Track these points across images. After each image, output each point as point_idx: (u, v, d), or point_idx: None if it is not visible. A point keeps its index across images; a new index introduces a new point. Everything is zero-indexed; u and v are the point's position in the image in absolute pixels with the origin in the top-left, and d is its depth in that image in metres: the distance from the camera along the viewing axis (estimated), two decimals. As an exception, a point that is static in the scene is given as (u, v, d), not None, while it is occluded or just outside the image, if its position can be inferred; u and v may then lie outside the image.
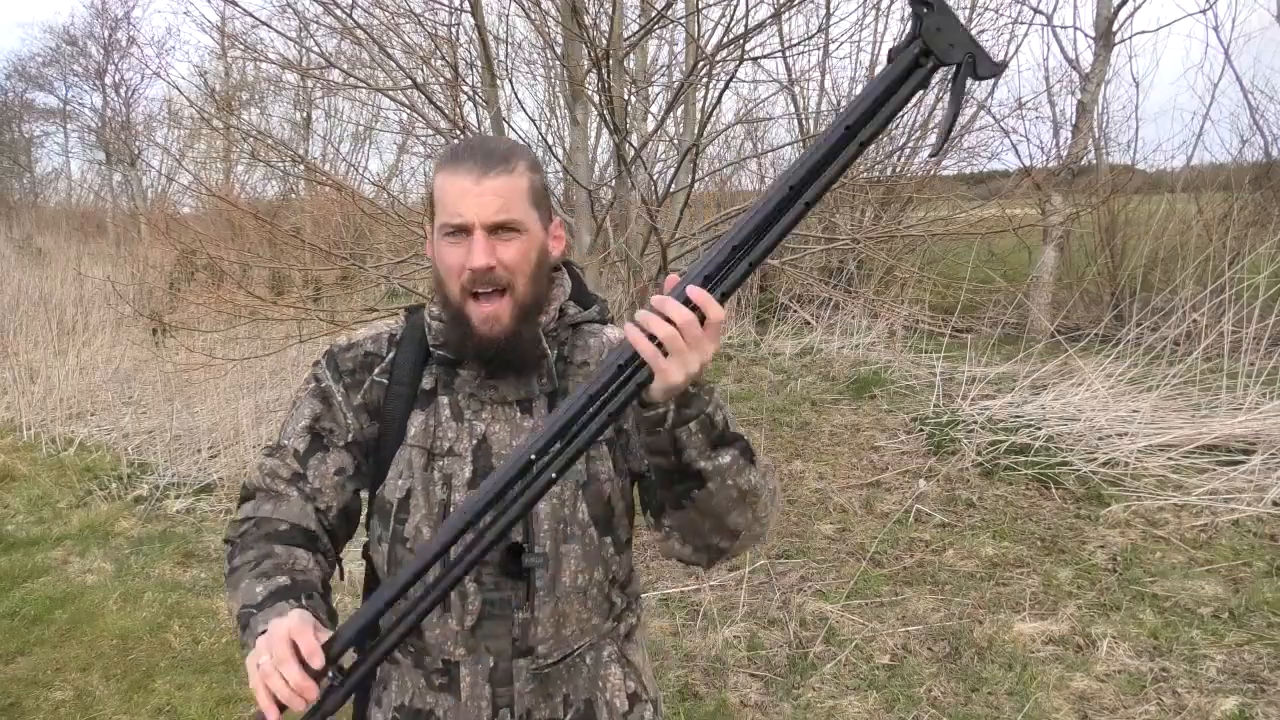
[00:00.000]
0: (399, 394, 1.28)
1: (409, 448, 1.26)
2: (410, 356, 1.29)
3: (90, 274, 10.69)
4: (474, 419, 1.26)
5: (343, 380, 1.30)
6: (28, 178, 25.20)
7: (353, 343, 1.32)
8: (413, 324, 1.32)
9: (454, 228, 1.19)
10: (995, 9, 7.20)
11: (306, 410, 1.30)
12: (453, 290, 1.21)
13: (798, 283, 9.23)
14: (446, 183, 1.19)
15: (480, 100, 4.79)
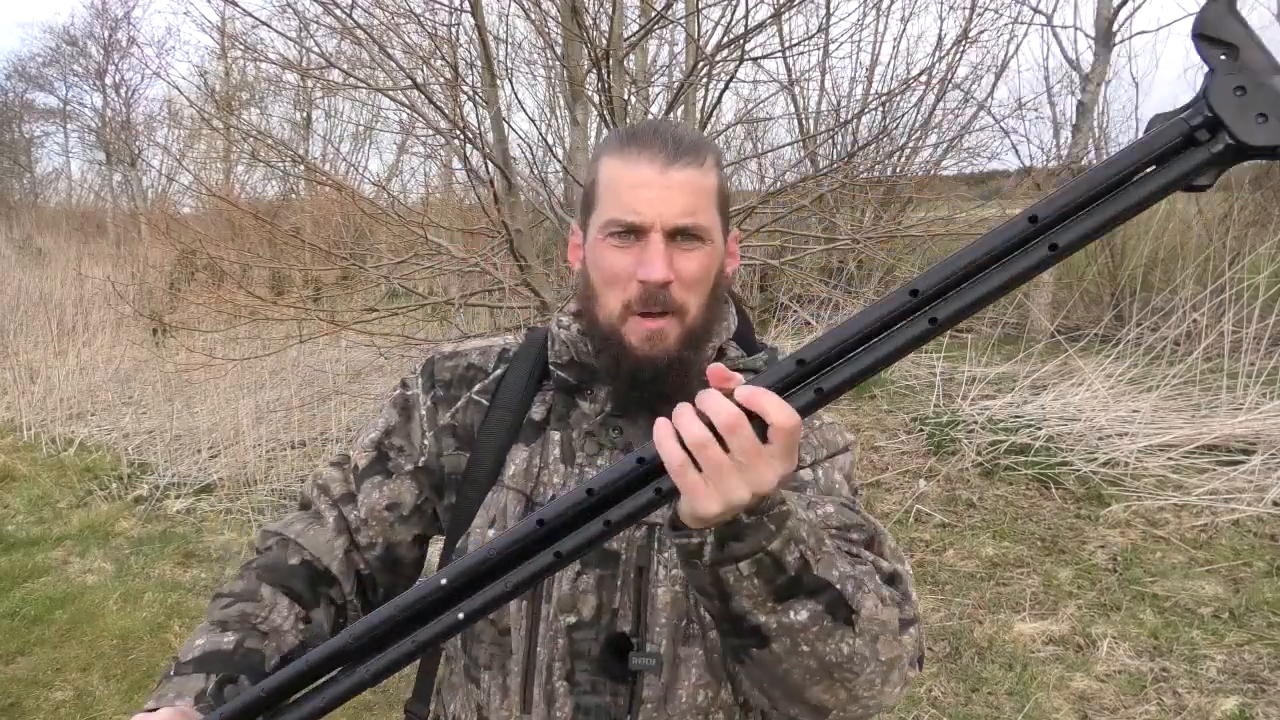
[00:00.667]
0: (500, 420, 1.04)
1: (504, 490, 1.01)
2: (522, 377, 1.05)
3: (90, 274, 10.69)
4: (587, 464, 1.01)
5: (434, 391, 1.07)
6: (28, 178, 25.20)
7: (457, 350, 1.10)
8: (531, 340, 1.09)
9: (626, 226, 0.95)
10: (995, 9, 7.19)
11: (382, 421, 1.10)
12: (610, 303, 0.96)
13: (798, 283, 9.22)
14: (621, 170, 0.96)
15: (480, 100, 4.80)
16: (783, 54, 7.08)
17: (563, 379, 1.03)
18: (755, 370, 0.77)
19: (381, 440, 1.09)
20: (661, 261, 0.93)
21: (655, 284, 0.93)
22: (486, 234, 5.56)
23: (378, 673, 0.77)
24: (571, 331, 1.03)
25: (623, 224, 0.95)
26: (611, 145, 1.00)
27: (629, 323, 0.96)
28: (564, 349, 1.03)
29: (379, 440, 1.09)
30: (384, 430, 1.09)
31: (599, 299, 0.98)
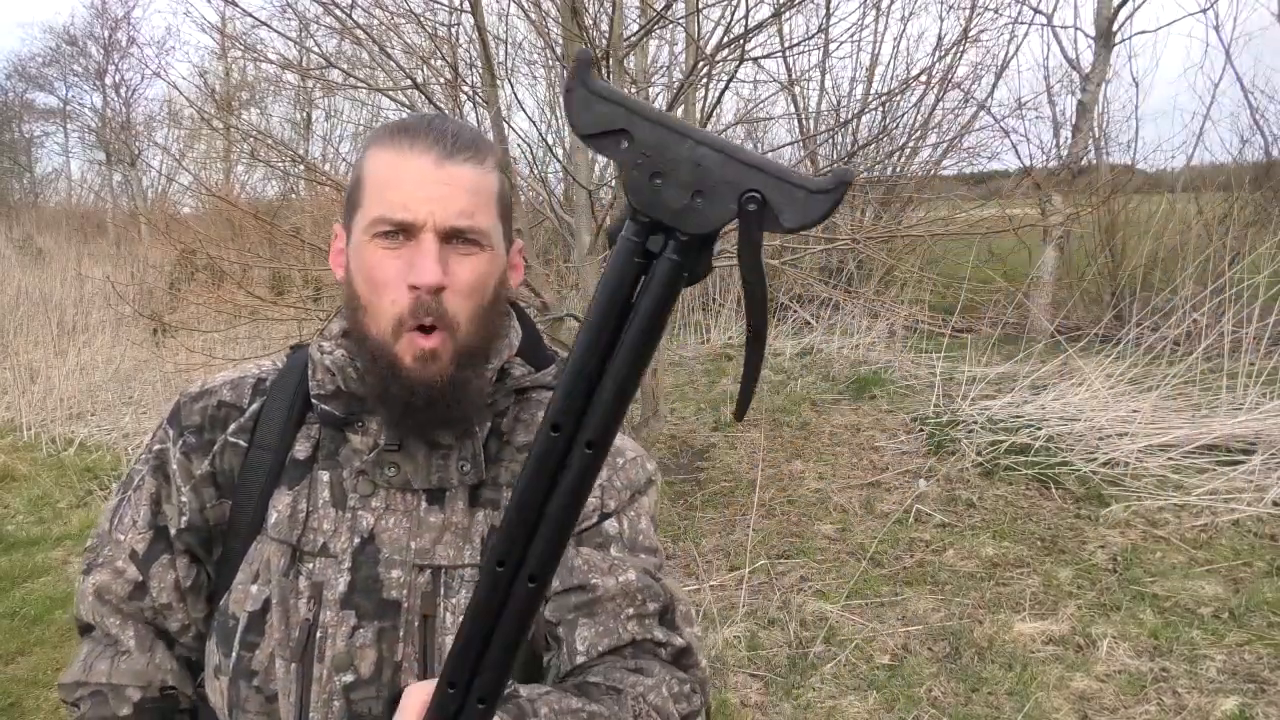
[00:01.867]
0: (260, 462, 0.91)
1: (268, 540, 0.89)
2: (281, 411, 0.92)
3: (90, 274, 10.70)
4: (360, 507, 0.89)
5: (184, 440, 0.93)
6: (28, 178, 25.22)
7: (205, 389, 0.95)
8: (290, 367, 0.95)
9: (395, 225, 0.84)
10: (995, 9, 7.20)
11: (146, 491, 0.93)
12: (379, 316, 0.85)
13: (798, 283, 9.22)
14: (389, 162, 0.85)
15: (480, 100, 4.80)
16: (783, 54, 7.08)
17: (328, 413, 0.90)
18: (549, 387, 0.81)
19: (153, 513, 0.93)
20: (434, 264, 0.83)
21: (427, 287, 0.83)
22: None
23: None
24: (336, 356, 0.89)
25: (391, 222, 0.84)
26: (380, 137, 0.88)
27: (403, 339, 0.84)
28: (327, 377, 0.90)
29: (151, 514, 0.93)
30: (151, 501, 0.93)
31: (366, 310, 0.86)
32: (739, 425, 5.93)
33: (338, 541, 0.89)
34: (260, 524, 0.90)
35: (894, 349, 8.17)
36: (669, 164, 0.50)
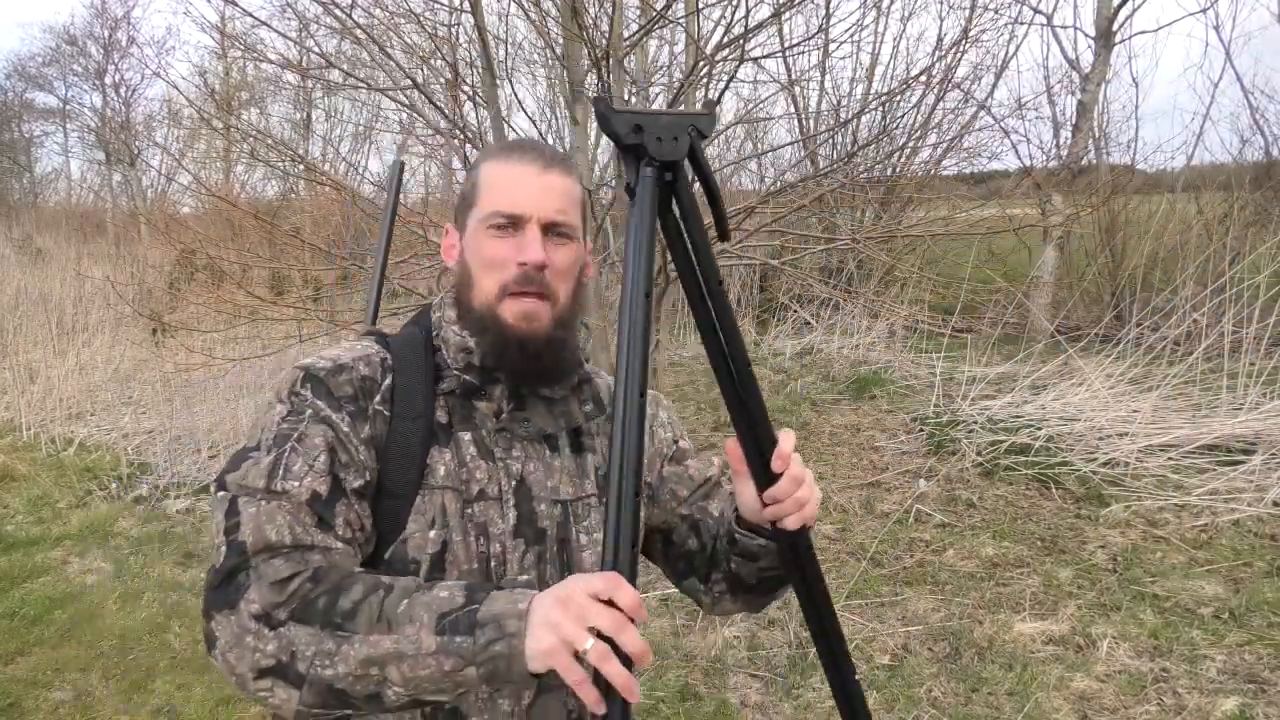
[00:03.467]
0: (410, 428, 1.04)
1: (438, 491, 1.03)
2: (419, 384, 1.07)
3: (90, 274, 10.69)
4: (505, 457, 1.08)
5: (343, 408, 1.02)
6: (28, 178, 25.21)
7: (340, 364, 1.05)
8: (407, 346, 1.10)
9: (507, 218, 1.06)
10: (995, 9, 7.18)
11: (317, 440, 0.99)
12: (488, 286, 1.06)
13: (798, 283, 9.22)
14: (501, 170, 1.08)
15: (480, 100, 4.80)
16: (783, 54, 7.08)
17: (468, 383, 1.08)
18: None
19: (331, 462, 1.00)
20: (539, 246, 1.05)
21: (533, 265, 1.04)
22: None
23: None
24: (464, 338, 1.09)
25: (504, 215, 1.06)
26: (491, 154, 1.13)
27: (504, 302, 1.05)
28: (462, 355, 1.09)
29: (329, 463, 0.99)
30: (328, 450, 1.00)
31: (475, 285, 1.08)
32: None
33: (494, 486, 1.06)
34: (420, 481, 1.03)
35: (894, 349, 8.17)
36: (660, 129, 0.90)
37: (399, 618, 0.86)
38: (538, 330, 1.06)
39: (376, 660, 0.86)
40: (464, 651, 0.84)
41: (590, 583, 0.82)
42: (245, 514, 0.94)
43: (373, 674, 0.86)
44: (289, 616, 0.88)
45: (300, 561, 0.92)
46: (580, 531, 1.11)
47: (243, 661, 0.88)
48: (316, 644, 0.87)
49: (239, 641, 0.89)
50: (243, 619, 0.89)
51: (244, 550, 0.92)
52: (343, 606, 0.88)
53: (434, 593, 0.88)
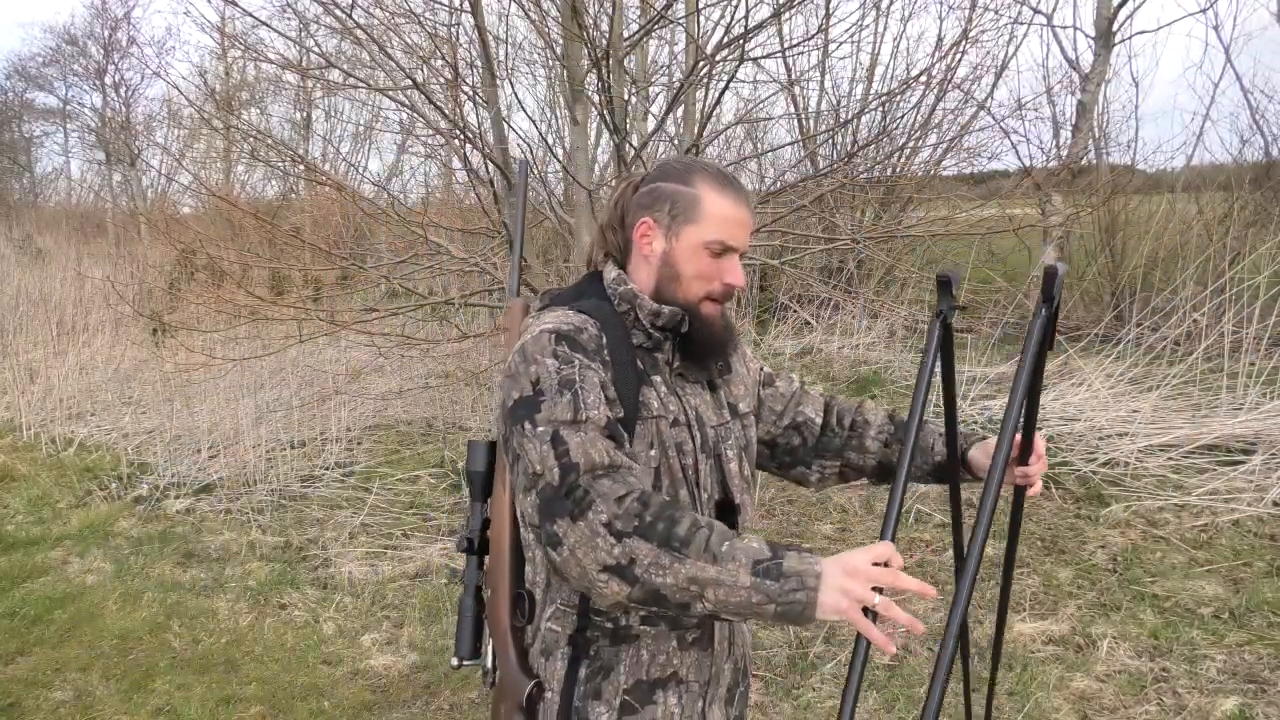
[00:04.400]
0: (626, 373, 1.32)
1: (654, 420, 1.33)
2: (623, 341, 1.34)
3: (90, 274, 10.69)
4: (683, 394, 1.39)
5: (593, 359, 1.30)
6: (28, 178, 25.21)
7: (576, 325, 1.31)
8: (603, 311, 1.37)
9: (725, 247, 1.36)
10: (995, 9, 7.18)
11: (594, 379, 1.26)
12: (693, 290, 1.37)
13: (798, 283, 9.22)
14: (728, 206, 1.36)
15: (480, 100, 4.80)
16: (783, 54, 7.08)
17: (656, 339, 1.37)
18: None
19: (606, 399, 1.27)
20: (741, 273, 1.38)
21: (740, 287, 1.39)
22: (486, 234, 5.56)
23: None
24: (656, 305, 1.37)
25: (724, 245, 1.36)
26: (711, 181, 1.37)
27: (704, 305, 1.38)
28: (652, 317, 1.36)
29: (605, 400, 1.27)
30: (602, 388, 1.27)
31: (684, 285, 1.37)
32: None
33: (682, 415, 1.36)
34: (638, 412, 1.31)
35: (894, 349, 8.17)
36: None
37: (723, 554, 1.11)
38: (720, 323, 1.40)
39: (700, 581, 1.11)
40: (770, 592, 1.09)
41: (872, 551, 1.12)
42: (571, 442, 1.20)
43: (693, 590, 1.11)
44: (631, 530, 1.13)
45: (624, 483, 1.18)
46: (726, 448, 1.42)
47: (589, 557, 1.13)
48: (654, 557, 1.11)
49: (588, 542, 1.13)
50: (594, 525, 1.14)
51: (577, 469, 1.18)
52: (678, 534, 1.12)
53: (745, 541, 1.13)
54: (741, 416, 1.48)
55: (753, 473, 1.51)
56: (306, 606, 4.01)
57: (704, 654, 1.37)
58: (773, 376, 1.62)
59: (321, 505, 5.14)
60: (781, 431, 1.59)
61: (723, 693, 1.43)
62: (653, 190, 1.38)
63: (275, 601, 4.07)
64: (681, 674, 1.35)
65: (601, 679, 1.31)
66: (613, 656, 1.31)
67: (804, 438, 1.60)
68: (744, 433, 1.48)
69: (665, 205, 1.37)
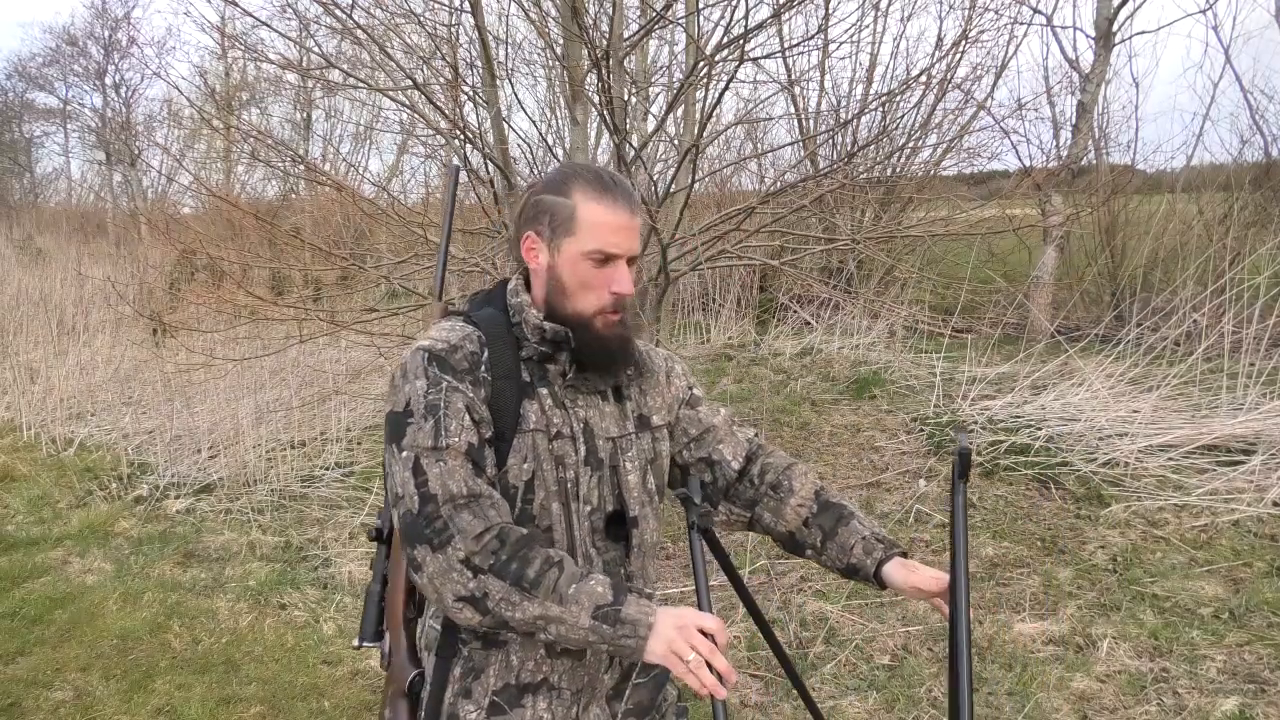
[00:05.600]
0: (507, 388, 1.35)
1: (530, 433, 1.35)
2: (506, 354, 1.37)
3: (90, 274, 10.69)
4: (573, 406, 1.39)
5: (465, 379, 1.33)
6: (28, 178, 25.21)
7: (452, 344, 1.35)
8: (491, 323, 1.40)
9: (606, 256, 1.35)
10: (995, 9, 7.18)
11: (459, 404, 1.31)
12: (583, 304, 1.36)
13: (798, 283, 9.22)
14: (604, 214, 1.35)
15: (480, 100, 4.80)
16: (783, 54, 7.08)
17: (544, 352, 1.38)
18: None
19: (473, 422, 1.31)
20: (629, 280, 1.37)
21: (628, 294, 1.37)
22: (486, 234, 5.56)
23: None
24: (540, 321, 1.38)
25: (605, 254, 1.34)
26: (587, 189, 1.35)
27: (599, 318, 1.37)
28: (536, 332, 1.37)
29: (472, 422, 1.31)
30: (468, 412, 1.31)
31: (571, 297, 1.36)
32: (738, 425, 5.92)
33: (567, 428, 1.37)
34: (517, 425, 1.34)
35: (894, 349, 8.17)
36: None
37: (569, 596, 1.21)
38: (617, 335, 1.38)
39: (545, 619, 1.21)
40: (605, 635, 1.21)
41: (702, 619, 1.21)
42: (431, 472, 1.26)
43: (538, 624, 1.22)
44: (487, 568, 1.22)
45: (483, 517, 1.25)
46: (626, 460, 1.43)
47: (446, 587, 1.23)
48: (505, 594, 1.22)
49: (445, 574, 1.23)
50: (451, 560, 1.23)
51: (435, 500, 1.25)
52: (529, 575, 1.22)
53: (590, 584, 1.22)
54: (653, 429, 1.48)
55: (660, 486, 1.50)
56: (306, 606, 4.01)
57: (577, 663, 1.40)
58: (698, 400, 1.58)
59: (321, 505, 5.14)
60: (694, 462, 1.56)
61: (603, 692, 1.45)
62: (536, 203, 1.38)
63: (275, 601, 4.07)
64: (553, 680, 1.39)
65: (472, 679, 1.38)
66: (483, 659, 1.38)
67: (715, 476, 1.56)
68: (652, 445, 1.47)
69: (545, 218, 1.37)
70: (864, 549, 1.47)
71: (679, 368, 1.59)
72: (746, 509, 1.55)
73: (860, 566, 1.47)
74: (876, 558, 1.47)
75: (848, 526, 1.49)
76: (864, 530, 1.49)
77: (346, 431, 6.19)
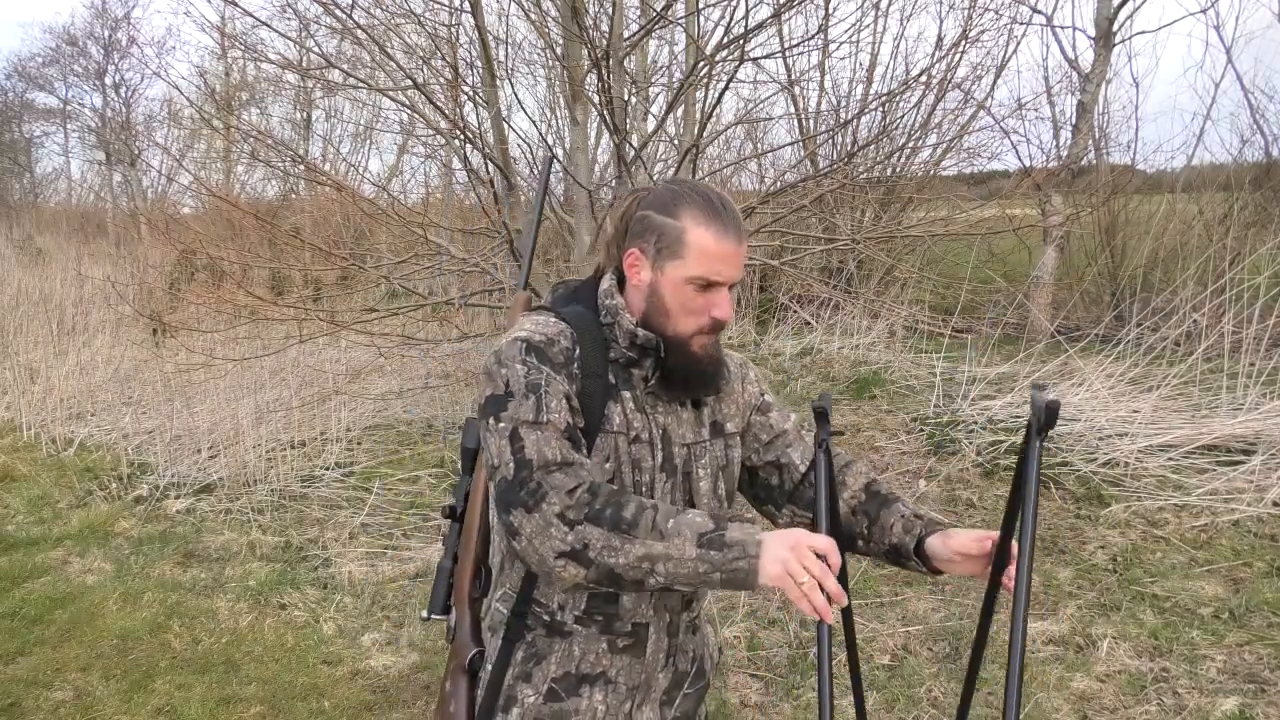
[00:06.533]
0: (594, 386, 1.37)
1: (613, 435, 1.37)
2: (596, 353, 1.38)
3: (90, 274, 10.69)
4: (653, 412, 1.41)
5: (560, 371, 1.35)
6: (28, 178, 25.20)
7: (549, 337, 1.37)
8: (583, 324, 1.41)
9: (710, 282, 1.35)
10: (995, 9, 7.18)
11: (559, 388, 1.33)
12: (683, 325, 1.37)
13: (798, 283, 9.22)
14: (712, 241, 1.34)
15: (480, 100, 4.80)
16: (783, 54, 7.08)
17: (630, 357, 1.40)
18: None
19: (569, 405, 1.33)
20: (730, 306, 1.38)
21: (728, 321, 1.38)
22: (486, 234, 5.56)
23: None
24: (637, 329, 1.39)
25: (708, 281, 1.35)
26: (697, 213, 1.35)
27: (695, 339, 1.38)
28: (628, 337, 1.39)
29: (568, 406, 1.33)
30: (565, 396, 1.33)
31: (673, 319, 1.38)
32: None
33: (646, 433, 1.39)
34: (600, 423, 1.36)
35: (894, 349, 8.17)
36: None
37: (669, 530, 1.20)
38: (711, 357, 1.41)
39: (650, 557, 1.20)
40: (715, 561, 1.18)
41: (814, 540, 1.18)
42: (528, 439, 1.28)
43: (644, 566, 1.20)
44: (583, 518, 1.21)
45: (575, 476, 1.25)
46: (699, 467, 1.45)
47: (545, 545, 1.22)
48: (605, 541, 1.20)
49: (543, 531, 1.22)
50: (547, 516, 1.22)
51: (530, 465, 1.26)
52: (625, 516, 1.21)
53: (689, 516, 1.21)
54: (726, 436, 1.49)
55: (730, 492, 1.52)
56: (306, 606, 4.01)
57: (636, 660, 1.42)
58: (770, 406, 1.59)
59: (321, 505, 5.14)
60: (762, 465, 1.57)
61: (657, 695, 1.47)
62: (643, 219, 1.39)
63: (275, 601, 4.07)
64: (610, 675, 1.41)
65: (533, 664, 1.40)
66: (546, 646, 1.40)
67: (782, 480, 1.56)
68: (725, 452, 1.48)
69: (652, 237, 1.37)
70: (904, 527, 1.44)
71: (752, 374, 1.60)
72: (809, 509, 1.53)
73: (901, 545, 1.44)
74: (916, 534, 1.43)
75: (890, 509, 1.47)
76: (905, 510, 1.47)
77: (346, 431, 6.19)
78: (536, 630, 1.41)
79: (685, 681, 1.50)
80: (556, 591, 1.40)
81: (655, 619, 1.43)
